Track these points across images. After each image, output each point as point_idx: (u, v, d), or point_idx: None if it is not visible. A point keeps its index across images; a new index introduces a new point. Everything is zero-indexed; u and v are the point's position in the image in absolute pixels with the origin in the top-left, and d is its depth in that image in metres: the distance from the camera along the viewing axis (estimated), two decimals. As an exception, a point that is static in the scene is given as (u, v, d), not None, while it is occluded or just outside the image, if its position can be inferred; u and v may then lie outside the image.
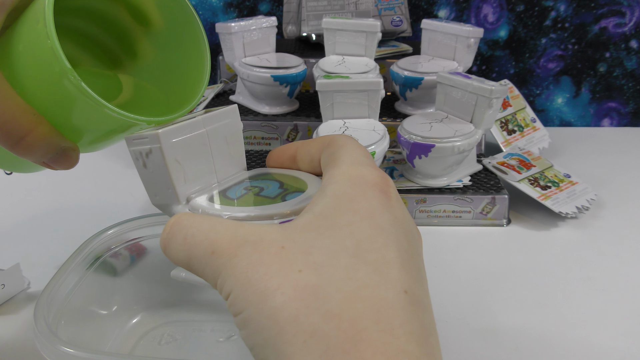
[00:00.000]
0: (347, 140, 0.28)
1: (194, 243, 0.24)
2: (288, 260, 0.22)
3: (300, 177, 0.30)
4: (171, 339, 0.41)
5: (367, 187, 0.24)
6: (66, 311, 0.36)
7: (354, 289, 0.21)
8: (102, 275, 0.40)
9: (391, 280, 0.22)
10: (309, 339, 0.20)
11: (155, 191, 0.30)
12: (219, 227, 0.24)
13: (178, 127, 0.29)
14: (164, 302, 0.43)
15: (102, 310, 0.40)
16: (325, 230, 0.23)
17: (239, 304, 0.22)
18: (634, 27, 0.81)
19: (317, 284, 0.21)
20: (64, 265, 0.37)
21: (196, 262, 0.24)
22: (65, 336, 0.32)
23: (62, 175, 0.67)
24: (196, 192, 0.30)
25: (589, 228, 0.58)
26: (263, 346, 0.21)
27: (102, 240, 0.40)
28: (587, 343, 0.42)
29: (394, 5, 0.78)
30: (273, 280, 0.21)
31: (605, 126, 0.87)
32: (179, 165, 0.29)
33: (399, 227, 0.24)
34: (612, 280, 0.50)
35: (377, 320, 0.20)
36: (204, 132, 0.30)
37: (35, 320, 0.32)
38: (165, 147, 0.28)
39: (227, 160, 0.32)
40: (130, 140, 0.29)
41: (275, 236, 0.23)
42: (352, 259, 0.22)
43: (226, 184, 0.31)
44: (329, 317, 0.20)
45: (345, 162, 0.26)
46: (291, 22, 0.81)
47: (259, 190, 0.29)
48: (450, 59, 0.68)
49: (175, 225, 0.25)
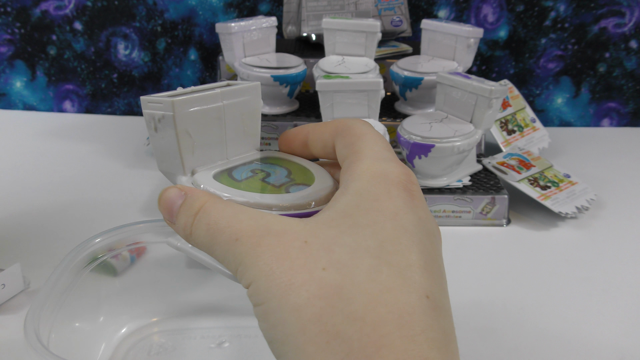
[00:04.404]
0: (365, 129, 0.27)
1: (217, 230, 0.24)
2: (312, 256, 0.22)
3: (309, 169, 0.30)
4: (161, 349, 0.40)
5: (391, 186, 0.24)
6: (56, 323, 0.35)
7: (377, 291, 0.21)
8: (88, 286, 0.39)
9: (413, 285, 0.21)
10: (332, 340, 0.20)
11: (163, 157, 0.29)
12: (242, 215, 0.24)
13: (195, 97, 0.28)
14: (152, 312, 0.43)
15: (89, 322, 0.40)
16: (348, 229, 0.23)
17: (261, 296, 0.22)
18: (633, 27, 0.81)
19: (341, 284, 0.21)
20: (51, 276, 0.36)
21: (218, 249, 0.24)
22: (55, 349, 0.32)
23: (62, 175, 0.67)
24: (203, 166, 0.29)
25: (589, 228, 0.58)
26: (283, 342, 0.21)
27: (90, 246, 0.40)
28: (586, 343, 0.42)
29: (394, 5, 0.78)
30: (298, 275, 0.21)
31: (605, 126, 0.87)
32: (189, 136, 0.28)
33: (422, 228, 0.23)
34: (612, 280, 0.50)
35: (399, 326, 0.20)
36: (220, 106, 0.29)
37: (26, 332, 0.31)
38: (178, 116, 0.27)
39: (240, 138, 0.31)
40: (146, 103, 0.28)
41: (298, 229, 0.23)
42: (375, 260, 0.22)
43: (235, 162, 0.30)
44: (352, 319, 0.20)
45: (368, 157, 0.25)
46: (291, 22, 0.81)
47: (265, 176, 0.29)
48: (450, 59, 0.68)
49: (200, 213, 0.25)
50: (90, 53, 0.84)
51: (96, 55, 0.85)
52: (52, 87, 0.87)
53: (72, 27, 0.83)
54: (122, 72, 0.86)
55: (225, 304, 0.44)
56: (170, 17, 0.82)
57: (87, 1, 0.81)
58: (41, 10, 0.82)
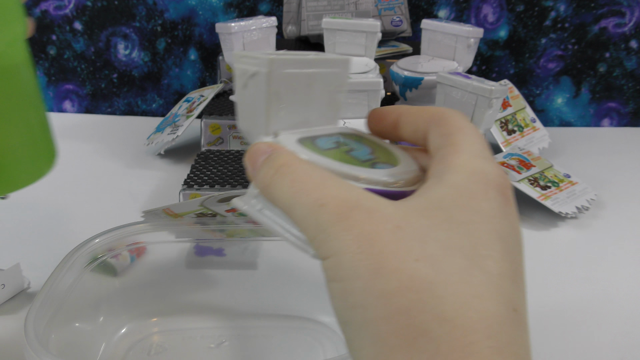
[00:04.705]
0: (464, 122, 0.26)
1: (302, 190, 0.23)
2: (405, 244, 0.21)
3: (392, 151, 0.29)
4: (161, 348, 0.40)
5: (489, 187, 0.23)
6: (55, 323, 0.35)
7: (468, 295, 0.20)
8: (87, 285, 0.39)
9: (503, 295, 0.20)
10: (419, 337, 0.19)
11: (246, 115, 0.28)
12: (331, 182, 0.23)
13: (291, 59, 0.27)
14: (152, 312, 0.43)
15: (89, 322, 0.40)
16: (442, 223, 0.21)
17: (343, 272, 0.21)
18: (633, 27, 0.81)
19: (433, 280, 0.20)
20: (51, 277, 0.36)
21: (299, 209, 0.23)
22: (55, 349, 0.32)
23: (62, 175, 0.67)
24: (285, 130, 0.28)
25: (589, 228, 0.58)
26: (361, 326, 0.20)
27: (90, 246, 0.40)
28: (586, 343, 0.42)
29: (394, 5, 0.78)
30: (389, 261, 0.20)
31: (605, 126, 0.87)
32: (278, 97, 0.27)
33: (514, 237, 0.22)
34: (612, 280, 0.50)
35: (488, 336, 0.19)
36: (312, 73, 0.28)
37: (26, 333, 0.31)
38: (272, 75, 0.26)
39: (324, 109, 0.30)
40: (239, 57, 0.27)
41: (390, 211, 0.22)
42: (468, 261, 0.21)
43: (316, 132, 0.29)
44: (442, 319, 0.19)
45: (467, 152, 0.24)
46: (291, 22, 0.81)
47: (349, 150, 0.28)
48: (450, 59, 0.68)
49: (284, 167, 0.24)
50: (90, 53, 0.84)
51: (96, 55, 0.85)
52: (52, 87, 0.87)
53: (72, 27, 0.83)
54: (122, 72, 0.86)
55: (225, 304, 0.44)
56: (170, 17, 0.82)
57: (87, 1, 0.81)
58: (41, 10, 0.82)
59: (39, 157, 0.36)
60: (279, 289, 0.44)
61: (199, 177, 0.59)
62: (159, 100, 0.88)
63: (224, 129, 0.68)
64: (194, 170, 0.60)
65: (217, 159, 0.63)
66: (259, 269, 0.44)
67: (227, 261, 0.44)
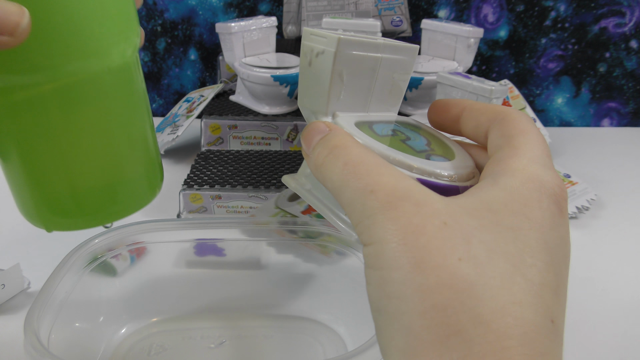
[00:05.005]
0: (528, 125, 0.25)
1: (354, 173, 0.23)
2: (450, 241, 0.20)
3: (449, 145, 0.29)
4: (161, 348, 0.40)
5: (544, 195, 0.22)
6: (56, 323, 0.35)
7: (507, 301, 0.20)
8: (88, 286, 0.39)
9: (543, 305, 0.20)
10: (452, 336, 0.19)
11: (308, 93, 0.28)
12: (384, 169, 0.23)
13: (358, 41, 0.27)
14: (152, 312, 0.43)
15: (89, 322, 0.40)
16: (490, 225, 0.21)
17: (384, 261, 0.21)
18: (634, 27, 0.81)
19: (473, 281, 0.20)
20: (51, 276, 0.36)
21: (348, 193, 0.23)
22: (55, 349, 0.32)
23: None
24: (344, 112, 0.28)
25: (589, 228, 0.58)
26: (394, 317, 0.20)
27: (90, 246, 0.40)
28: (586, 343, 0.42)
29: (394, 5, 0.78)
30: (432, 256, 0.20)
31: (605, 126, 0.87)
32: (341, 78, 0.27)
33: (562, 249, 0.22)
34: (612, 280, 0.50)
35: (522, 343, 0.19)
36: (378, 58, 0.28)
37: (26, 333, 0.31)
38: (339, 55, 0.26)
39: (384, 96, 0.30)
40: (308, 34, 0.27)
41: (439, 206, 0.21)
42: (511, 267, 0.20)
43: (374, 118, 0.29)
44: (478, 322, 0.19)
45: (526, 157, 0.24)
46: (291, 22, 0.81)
47: (405, 139, 0.28)
48: (450, 59, 0.68)
49: (339, 148, 0.24)
50: (90, 53, 0.84)
51: (96, 55, 0.85)
52: (52, 87, 0.87)
53: (72, 27, 0.83)
54: (122, 72, 0.86)
55: (225, 304, 0.44)
56: (170, 17, 0.82)
57: (87, 1, 0.81)
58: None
59: (152, 180, 0.33)
60: (278, 289, 0.44)
61: (199, 177, 0.59)
62: (159, 100, 0.88)
63: (224, 129, 0.68)
64: (194, 170, 0.60)
65: (217, 159, 0.63)
66: (259, 269, 0.44)
67: (227, 261, 0.44)
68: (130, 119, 0.30)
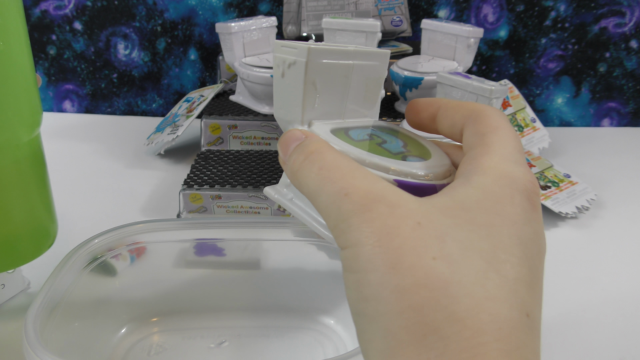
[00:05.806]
0: (501, 122, 0.26)
1: (329, 178, 0.23)
2: (424, 241, 0.21)
3: (425, 146, 0.29)
4: (161, 348, 0.40)
5: (515, 192, 0.23)
6: (56, 323, 0.35)
7: (482, 297, 0.20)
8: (87, 285, 0.39)
9: (518, 300, 0.21)
10: (429, 335, 0.19)
11: (282, 104, 0.29)
12: (358, 172, 0.23)
13: (329, 49, 0.27)
14: (152, 312, 0.43)
15: (89, 322, 0.40)
16: (463, 223, 0.22)
17: (360, 264, 0.21)
18: (634, 27, 0.81)
19: (448, 280, 0.20)
20: (51, 276, 0.36)
21: (324, 197, 0.23)
22: (55, 349, 0.32)
23: (62, 175, 0.67)
24: (319, 120, 0.28)
25: (589, 228, 0.58)
26: (372, 319, 0.20)
27: (90, 246, 0.40)
28: (586, 343, 0.42)
29: (394, 5, 0.78)
30: (407, 257, 0.20)
31: (605, 126, 0.87)
32: (314, 87, 0.27)
33: (536, 243, 0.22)
34: (612, 280, 0.50)
35: (497, 339, 0.19)
36: (350, 65, 0.28)
37: (26, 333, 0.31)
38: (310, 64, 0.27)
39: (359, 102, 0.30)
40: (279, 46, 0.28)
41: (413, 207, 0.22)
42: (485, 264, 0.21)
43: (350, 124, 0.30)
44: (453, 319, 0.19)
45: (498, 154, 0.24)
46: (291, 22, 0.81)
47: (382, 142, 0.28)
48: (450, 59, 0.68)
49: (314, 154, 0.24)
50: (90, 53, 0.84)
51: (96, 55, 0.85)
52: (52, 87, 0.87)
53: (72, 27, 0.83)
54: (122, 72, 0.86)
55: (225, 304, 0.44)
56: (170, 17, 0.82)
57: (87, 1, 0.81)
58: (41, 10, 0.82)
59: (43, 234, 0.42)
60: (278, 289, 0.44)
61: (199, 177, 0.59)
62: (158, 100, 0.88)
63: (224, 129, 0.68)
64: (194, 170, 0.60)
65: (217, 159, 0.63)
66: (259, 268, 0.44)
67: (227, 261, 0.44)
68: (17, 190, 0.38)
